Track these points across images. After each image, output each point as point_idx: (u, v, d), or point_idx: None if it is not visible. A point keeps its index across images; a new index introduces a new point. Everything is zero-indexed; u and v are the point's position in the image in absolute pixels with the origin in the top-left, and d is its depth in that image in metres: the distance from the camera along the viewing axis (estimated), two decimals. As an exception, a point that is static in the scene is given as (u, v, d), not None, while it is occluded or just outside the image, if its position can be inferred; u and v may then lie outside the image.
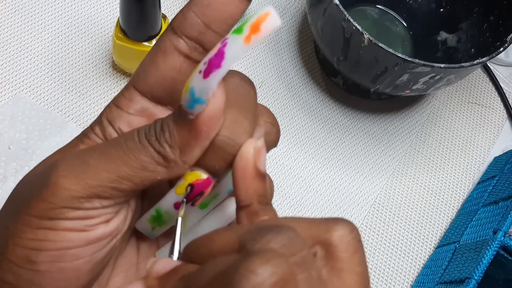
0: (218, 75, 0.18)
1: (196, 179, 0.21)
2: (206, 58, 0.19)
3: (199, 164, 0.21)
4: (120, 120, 0.22)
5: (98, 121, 0.22)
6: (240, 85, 0.22)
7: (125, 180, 0.20)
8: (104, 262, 0.22)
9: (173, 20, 0.21)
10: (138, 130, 0.21)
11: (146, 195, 0.25)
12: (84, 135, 0.22)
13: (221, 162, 0.21)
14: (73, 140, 0.23)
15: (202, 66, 0.19)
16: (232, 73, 0.22)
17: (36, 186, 0.21)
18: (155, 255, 0.26)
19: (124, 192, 0.20)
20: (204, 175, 0.21)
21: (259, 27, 0.18)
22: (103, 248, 0.21)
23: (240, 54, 0.18)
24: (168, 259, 0.20)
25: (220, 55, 0.18)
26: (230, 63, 0.18)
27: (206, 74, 0.18)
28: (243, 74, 0.22)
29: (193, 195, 0.21)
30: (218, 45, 0.19)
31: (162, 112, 0.22)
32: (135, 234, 0.26)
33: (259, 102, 0.23)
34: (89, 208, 0.20)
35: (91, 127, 0.22)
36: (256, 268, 0.16)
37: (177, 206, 0.21)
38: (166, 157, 0.20)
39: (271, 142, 0.23)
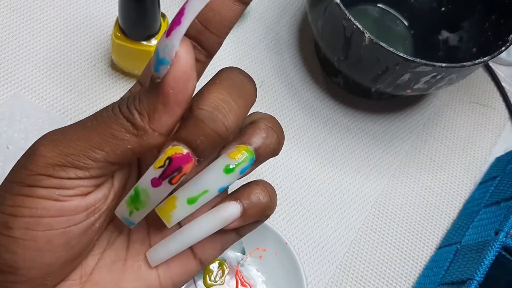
0: (178, 31, 0.19)
1: (175, 152, 0.21)
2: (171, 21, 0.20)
3: (179, 138, 0.21)
4: None
5: None
6: (237, 76, 0.22)
7: (96, 149, 0.21)
8: (81, 241, 0.22)
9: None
10: (114, 102, 0.21)
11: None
12: None
13: (202, 137, 0.20)
14: None
15: (167, 29, 0.19)
16: (233, 67, 0.23)
17: (24, 157, 0.22)
18: (146, 255, 0.25)
19: (98, 163, 0.21)
20: (184, 150, 0.21)
21: None
22: (79, 224, 0.22)
23: (197, 8, 0.19)
24: None
25: (180, 12, 0.19)
26: (189, 18, 0.19)
27: (168, 32, 0.19)
28: (245, 71, 0.23)
29: (170, 170, 0.21)
30: (182, 6, 0.19)
31: None
32: (126, 231, 0.26)
33: (263, 111, 0.23)
34: (64, 177, 0.21)
35: None
36: None
37: (154, 183, 0.21)
38: (134, 124, 0.20)
39: (270, 146, 0.23)
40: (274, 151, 0.24)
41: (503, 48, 0.48)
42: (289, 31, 0.61)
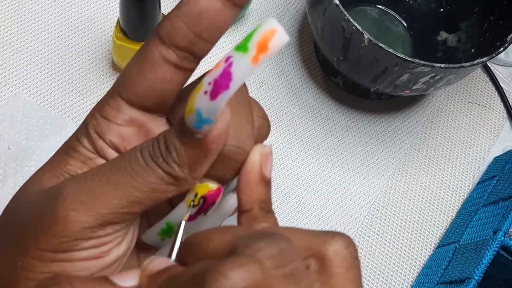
0: (226, 96, 0.18)
1: (207, 191, 0.21)
2: (210, 78, 0.18)
3: (208, 175, 0.21)
4: (110, 132, 0.21)
5: (85, 133, 0.21)
6: (240, 91, 0.21)
7: (136, 204, 0.20)
8: None
9: (159, 28, 0.20)
10: (141, 150, 0.20)
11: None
12: (71, 148, 0.21)
13: (230, 171, 0.21)
14: (59, 154, 0.22)
15: (207, 87, 0.18)
16: None
17: (40, 220, 0.20)
18: (156, 255, 0.26)
19: (136, 215, 0.20)
20: (214, 186, 0.21)
21: (266, 46, 0.17)
22: (117, 269, 0.22)
23: (248, 74, 0.17)
24: (164, 259, 0.20)
25: (226, 75, 0.18)
26: (238, 83, 0.17)
27: (213, 95, 0.18)
28: None
29: (206, 206, 0.21)
30: (223, 64, 0.18)
31: (152, 121, 0.22)
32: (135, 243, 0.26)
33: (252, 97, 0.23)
34: (103, 235, 0.20)
35: (77, 139, 0.21)
36: (227, 271, 0.16)
37: (190, 218, 0.21)
38: (175, 176, 0.20)
39: (263, 136, 0.23)
40: (266, 136, 0.24)
41: (502, 49, 0.48)
42: (289, 32, 0.61)
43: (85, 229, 0.19)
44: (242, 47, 0.17)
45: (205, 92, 0.18)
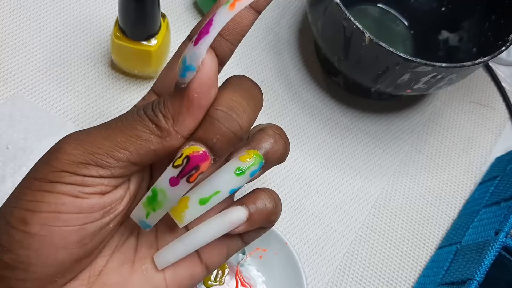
0: (206, 40, 0.20)
1: (192, 151, 0.21)
2: (198, 30, 0.21)
3: (196, 138, 0.22)
4: None
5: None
6: (247, 82, 0.23)
7: (121, 149, 0.21)
8: (94, 240, 0.23)
9: (192, 30, 0.24)
10: (139, 105, 0.23)
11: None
12: None
13: (218, 136, 0.21)
14: None
15: (194, 37, 0.21)
16: (241, 75, 0.24)
17: (47, 154, 0.22)
18: (153, 258, 0.26)
19: (120, 162, 0.22)
20: (201, 149, 0.21)
21: None
22: (94, 222, 0.22)
23: (226, 20, 0.20)
24: None
25: (209, 23, 0.20)
26: (217, 28, 0.20)
27: (196, 41, 0.20)
28: (252, 79, 0.24)
29: (188, 168, 0.21)
30: (210, 18, 0.20)
31: None
32: (135, 234, 0.26)
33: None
34: (86, 175, 0.21)
35: None
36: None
37: (172, 182, 0.22)
38: (159, 126, 0.21)
39: (278, 152, 0.25)
40: (281, 156, 0.25)
41: (503, 48, 0.48)
42: (289, 31, 0.61)
43: (72, 162, 0.21)
44: (226, 2, 0.20)
45: (192, 41, 0.21)
